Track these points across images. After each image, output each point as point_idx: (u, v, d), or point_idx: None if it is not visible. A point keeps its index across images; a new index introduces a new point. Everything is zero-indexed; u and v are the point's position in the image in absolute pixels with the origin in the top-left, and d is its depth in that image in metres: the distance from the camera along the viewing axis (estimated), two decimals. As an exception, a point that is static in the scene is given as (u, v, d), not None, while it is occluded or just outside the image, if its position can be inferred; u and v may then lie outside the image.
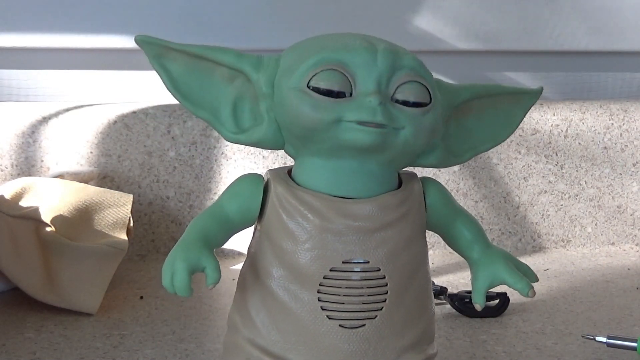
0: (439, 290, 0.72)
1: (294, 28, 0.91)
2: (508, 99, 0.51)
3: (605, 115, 0.92)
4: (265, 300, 0.47)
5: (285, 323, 0.46)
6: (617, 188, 0.92)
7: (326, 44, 0.46)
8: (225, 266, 0.82)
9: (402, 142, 0.45)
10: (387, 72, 0.45)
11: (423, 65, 0.46)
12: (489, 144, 0.51)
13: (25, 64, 0.90)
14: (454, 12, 0.94)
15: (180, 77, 0.48)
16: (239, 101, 0.48)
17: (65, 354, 0.60)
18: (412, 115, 0.45)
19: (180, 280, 0.44)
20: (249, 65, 0.47)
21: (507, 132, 0.52)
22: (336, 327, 0.46)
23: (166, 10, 0.90)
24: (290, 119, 0.45)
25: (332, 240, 0.45)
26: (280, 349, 0.46)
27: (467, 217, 0.50)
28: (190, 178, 0.86)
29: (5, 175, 0.84)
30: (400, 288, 0.47)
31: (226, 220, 0.47)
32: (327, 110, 0.44)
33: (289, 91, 0.45)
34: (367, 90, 0.44)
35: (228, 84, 0.48)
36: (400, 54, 0.46)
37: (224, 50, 0.48)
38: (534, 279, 0.50)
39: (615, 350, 0.60)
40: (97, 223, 0.75)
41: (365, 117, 0.44)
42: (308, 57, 0.45)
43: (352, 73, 0.44)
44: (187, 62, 0.48)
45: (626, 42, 0.98)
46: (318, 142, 0.45)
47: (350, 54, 0.45)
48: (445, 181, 0.89)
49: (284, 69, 0.46)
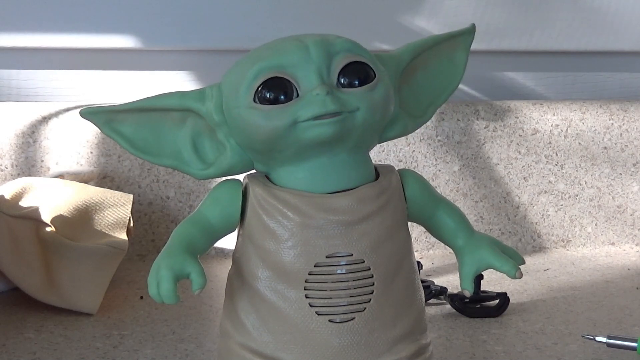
0: (439, 290, 0.72)
1: (292, 27, 0.91)
2: (446, 46, 0.52)
3: (605, 115, 0.92)
4: (253, 302, 0.47)
5: (275, 323, 0.46)
6: (617, 188, 0.92)
7: (260, 55, 0.46)
8: (225, 266, 0.81)
9: (361, 122, 0.45)
10: (325, 62, 0.45)
11: (357, 45, 0.47)
12: (444, 94, 0.52)
13: (25, 64, 0.90)
14: (454, 12, 0.94)
15: (134, 135, 0.48)
16: (196, 139, 0.48)
17: (65, 354, 0.60)
18: (361, 94, 0.45)
19: (166, 289, 0.44)
20: (194, 100, 0.48)
21: (457, 77, 0.52)
22: (326, 322, 0.46)
23: (166, 10, 0.90)
24: (249, 137, 0.46)
25: (314, 236, 0.46)
26: (272, 349, 0.46)
27: (449, 205, 0.50)
28: (190, 178, 0.86)
29: (5, 175, 0.84)
30: (387, 279, 0.47)
31: (208, 227, 0.48)
32: (280, 116, 0.44)
33: (238, 111, 0.45)
34: (311, 86, 0.45)
35: (181, 126, 0.48)
36: (331, 41, 0.46)
37: (166, 96, 0.48)
38: (520, 261, 0.50)
39: (615, 350, 0.60)
40: (97, 223, 0.75)
41: (318, 110, 0.44)
42: (246, 73, 0.45)
43: (293, 74, 0.45)
44: (136, 119, 0.48)
45: (626, 42, 0.98)
46: (282, 149, 0.46)
47: (285, 57, 0.45)
48: (445, 181, 0.89)
49: (228, 91, 0.47)
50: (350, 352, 0.46)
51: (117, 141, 0.48)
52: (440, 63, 0.51)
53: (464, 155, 0.89)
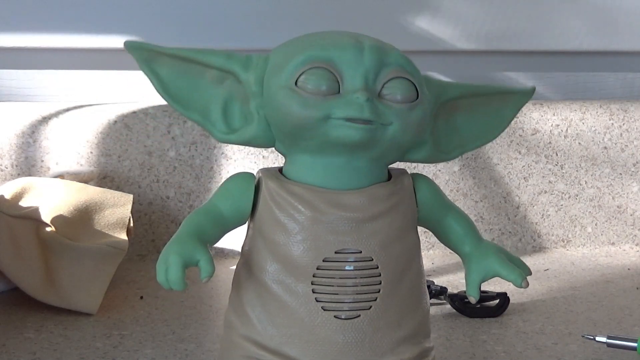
0: (439, 290, 0.72)
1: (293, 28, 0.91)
2: (499, 99, 0.51)
3: (605, 115, 0.92)
4: (260, 295, 0.47)
5: (281, 317, 0.46)
6: (617, 188, 0.92)
7: (313, 42, 0.46)
8: (225, 266, 0.82)
9: (390, 137, 0.45)
10: (374, 69, 0.45)
11: (410, 62, 0.47)
12: (477, 142, 0.52)
13: (25, 64, 0.90)
14: (454, 12, 0.94)
15: (170, 80, 0.48)
16: (229, 102, 0.48)
17: (65, 354, 0.60)
18: (399, 111, 0.45)
19: (174, 274, 0.44)
20: (239, 65, 0.48)
21: (497, 131, 0.52)
22: (331, 318, 0.46)
23: (166, 10, 0.90)
24: (280, 117, 0.46)
25: (324, 231, 0.46)
26: (276, 343, 0.46)
27: (458, 212, 0.51)
28: (190, 178, 0.86)
29: (5, 175, 0.84)
30: (394, 279, 0.47)
31: (219, 218, 0.48)
32: (316, 107, 0.44)
33: (277, 89, 0.45)
34: (354, 87, 0.45)
35: (218, 85, 0.48)
36: (387, 51, 0.46)
37: (213, 52, 0.48)
38: (527, 271, 0.50)
39: (615, 350, 0.60)
40: (97, 223, 0.75)
41: (353, 113, 0.44)
42: (296, 55, 0.45)
43: (340, 70, 0.45)
44: (177, 66, 0.48)
45: (626, 42, 0.98)
46: (307, 139, 0.46)
47: (338, 51, 0.45)
48: (445, 181, 0.89)
49: (273, 67, 0.46)
50: (354, 350, 0.46)
51: (152, 81, 0.48)
52: (487, 113, 0.51)
53: (464, 155, 0.89)
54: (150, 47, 0.48)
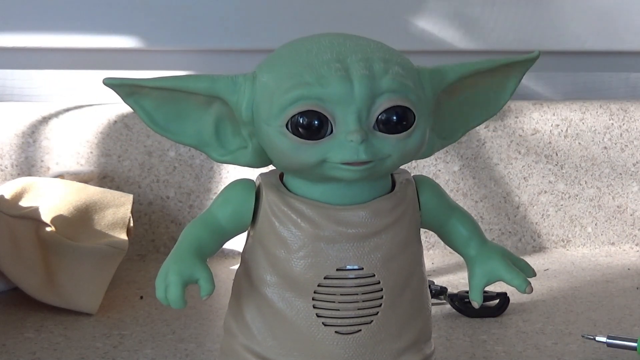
0: (439, 290, 0.72)
1: (293, 28, 0.91)
2: (501, 70, 0.49)
3: (605, 115, 0.92)
4: (260, 307, 0.47)
5: (281, 330, 0.46)
6: (617, 188, 0.92)
7: (300, 74, 0.43)
8: (225, 266, 0.82)
9: (390, 167, 0.45)
10: (367, 103, 0.43)
11: (403, 82, 0.44)
12: (480, 118, 0.50)
13: (25, 64, 0.90)
14: (454, 12, 0.94)
15: (155, 111, 0.47)
16: (219, 123, 0.47)
17: (65, 354, 0.60)
18: (396, 143, 0.44)
19: (173, 293, 0.44)
20: (224, 89, 0.46)
21: (500, 104, 0.50)
22: (332, 333, 0.46)
23: (166, 10, 0.90)
24: (274, 155, 0.45)
25: (325, 248, 0.45)
26: (276, 355, 0.46)
27: (462, 213, 0.50)
28: (190, 178, 0.86)
29: (5, 175, 0.84)
30: (396, 292, 0.46)
31: (218, 228, 0.47)
32: (310, 152, 0.43)
33: (268, 129, 0.44)
34: (347, 129, 0.43)
35: (206, 108, 0.47)
36: (377, 77, 0.43)
37: (196, 78, 0.46)
38: (531, 274, 0.50)
39: (615, 350, 0.60)
40: (97, 223, 0.75)
41: (349, 157, 0.43)
42: (283, 90, 0.43)
43: (331, 110, 0.43)
44: (161, 96, 0.46)
45: (626, 42, 0.98)
46: (306, 174, 0.45)
47: (326, 89, 0.43)
48: (445, 181, 0.89)
49: (261, 93, 0.44)
50: None
51: (138, 114, 0.47)
52: (489, 87, 0.49)
53: (464, 155, 0.89)
54: (131, 81, 0.46)
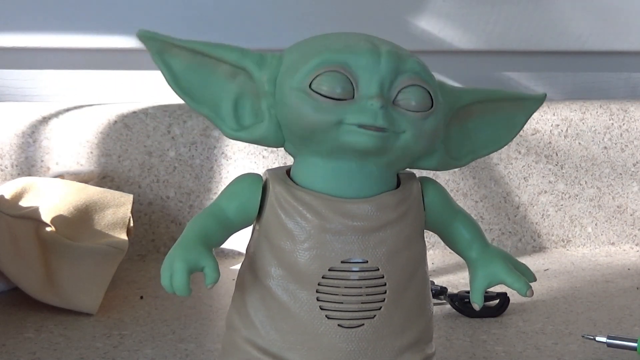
0: (439, 290, 0.72)
1: (295, 28, 0.91)
2: (510, 104, 0.51)
3: (605, 115, 0.92)
4: (264, 299, 0.47)
5: (284, 322, 0.46)
6: (617, 188, 0.92)
7: (329, 44, 0.45)
8: (226, 266, 0.82)
9: (402, 145, 0.45)
10: (390, 76, 0.45)
11: (426, 69, 0.46)
12: (489, 148, 0.51)
13: (25, 64, 0.90)
14: (454, 12, 0.94)
15: (181, 73, 0.47)
16: (240, 98, 0.48)
17: (65, 354, 0.60)
18: (413, 119, 0.45)
19: (179, 280, 0.44)
20: (252, 63, 0.47)
21: (509, 137, 0.51)
22: (335, 326, 0.46)
23: (166, 10, 0.90)
24: (292, 119, 0.45)
25: (331, 240, 0.45)
26: (278, 348, 0.46)
27: (466, 217, 0.50)
28: (190, 178, 0.86)
29: (5, 175, 0.84)
30: (399, 288, 0.47)
31: (225, 220, 0.47)
32: (329, 112, 0.44)
33: (290, 91, 0.45)
34: (369, 94, 0.44)
35: (230, 80, 0.48)
36: (403, 57, 0.45)
37: (227, 48, 0.48)
38: (532, 279, 0.50)
39: (615, 350, 0.60)
40: (97, 223, 0.75)
41: (366, 120, 0.44)
42: (311, 58, 0.45)
43: (355, 75, 0.44)
44: (189, 59, 0.47)
45: (626, 42, 0.98)
46: (318, 142, 0.45)
47: (354, 56, 0.45)
48: (445, 181, 0.89)
49: (287, 67, 0.46)
50: (357, 358, 0.46)
51: (163, 73, 0.47)
52: (499, 118, 0.51)
53: (464, 155, 0.89)
54: (164, 37, 0.47)
